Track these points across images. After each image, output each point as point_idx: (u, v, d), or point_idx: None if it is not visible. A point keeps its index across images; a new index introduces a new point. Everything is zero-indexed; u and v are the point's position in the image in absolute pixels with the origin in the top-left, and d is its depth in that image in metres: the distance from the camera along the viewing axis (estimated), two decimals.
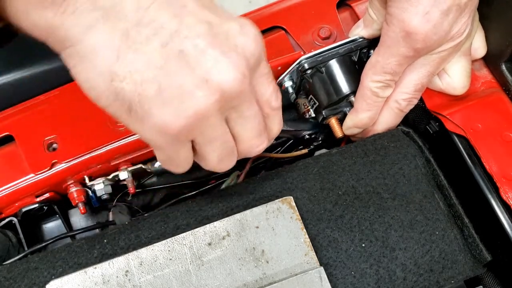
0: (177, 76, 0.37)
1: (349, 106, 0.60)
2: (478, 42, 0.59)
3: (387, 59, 0.53)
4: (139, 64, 0.37)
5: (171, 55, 0.37)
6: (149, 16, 0.37)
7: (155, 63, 0.37)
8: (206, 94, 0.38)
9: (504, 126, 0.56)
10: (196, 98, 0.38)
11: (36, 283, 0.48)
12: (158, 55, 0.37)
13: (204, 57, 0.38)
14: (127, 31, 0.37)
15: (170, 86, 0.37)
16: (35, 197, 0.61)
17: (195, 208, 0.52)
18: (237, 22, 0.40)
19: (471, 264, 0.50)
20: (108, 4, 0.36)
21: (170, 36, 0.37)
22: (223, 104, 0.39)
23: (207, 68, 0.38)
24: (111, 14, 0.36)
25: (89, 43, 0.37)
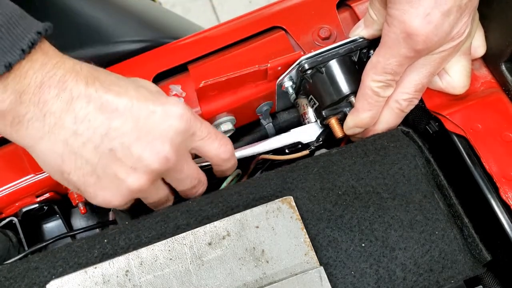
0: (110, 168, 0.48)
1: (349, 106, 0.60)
2: (478, 41, 0.59)
3: (388, 59, 0.53)
4: (79, 162, 0.48)
5: (103, 153, 0.48)
6: (83, 126, 0.47)
7: (91, 161, 0.48)
8: (136, 178, 0.49)
9: (504, 126, 0.56)
10: (128, 182, 0.49)
11: (36, 283, 0.48)
12: (93, 155, 0.48)
13: (130, 151, 0.48)
14: (67, 140, 0.47)
15: (106, 176, 0.49)
16: (35, 197, 0.61)
17: (195, 208, 0.52)
18: (161, 108, 0.49)
19: (471, 264, 0.50)
20: (52, 122, 0.46)
21: (101, 139, 0.47)
22: (154, 178, 0.50)
23: (134, 159, 0.48)
24: (55, 129, 0.47)
25: (39, 149, 0.48)
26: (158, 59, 0.64)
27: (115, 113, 0.47)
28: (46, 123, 0.46)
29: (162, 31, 0.77)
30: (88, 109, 0.47)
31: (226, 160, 0.55)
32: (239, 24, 0.66)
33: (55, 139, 0.47)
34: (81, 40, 0.69)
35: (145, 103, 0.49)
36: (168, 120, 0.49)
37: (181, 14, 1.07)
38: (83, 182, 0.49)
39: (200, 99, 0.62)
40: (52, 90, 0.46)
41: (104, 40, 0.69)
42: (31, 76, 0.45)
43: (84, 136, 0.47)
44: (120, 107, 0.48)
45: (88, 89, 0.47)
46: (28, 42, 0.44)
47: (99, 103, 0.47)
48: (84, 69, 0.48)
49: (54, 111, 0.46)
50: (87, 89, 0.47)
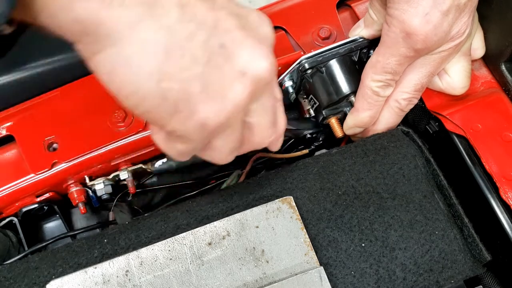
0: (219, 71, 0.38)
1: (349, 106, 0.60)
2: (477, 42, 0.59)
3: (387, 59, 0.53)
4: (186, 61, 0.36)
5: (213, 49, 0.37)
6: (189, 12, 0.36)
7: (200, 59, 0.37)
8: (243, 87, 0.39)
9: (504, 126, 0.56)
10: (235, 92, 0.39)
11: (36, 283, 0.48)
12: (201, 51, 0.37)
13: (241, 50, 0.38)
14: (171, 28, 0.36)
15: (214, 81, 0.38)
16: (35, 197, 0.61)
17: (195, 208, 0.52)
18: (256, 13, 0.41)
19: (471, 264, 0.50)
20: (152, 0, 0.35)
21: (210, 31, 0.37)
22: (254, 95, 0.40)
23: (244, 61, 0.38)
24: (156, 10, 0.35)
25: (137, 39, 0.35)
26: None
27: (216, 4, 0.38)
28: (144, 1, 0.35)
29: None
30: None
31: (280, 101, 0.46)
32: None
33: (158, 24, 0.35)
34: None
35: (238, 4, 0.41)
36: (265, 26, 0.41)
37: None
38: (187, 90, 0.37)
39: None
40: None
41: None
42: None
43: (191, 25, 0.36)
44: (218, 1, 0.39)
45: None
46: None
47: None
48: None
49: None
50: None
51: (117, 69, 0.36)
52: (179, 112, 0.38)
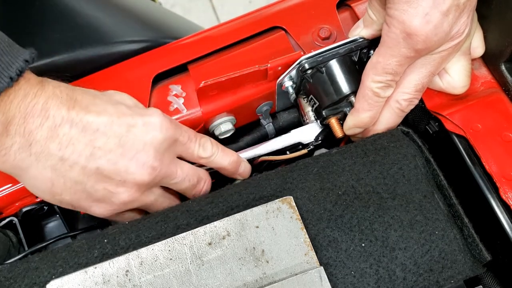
0: (99, 185, 0.51)
1: (349, 106, 0.60)
2: (477, 41, 0.59)
3: (388, 59, 0.53)
4: (69, 184, 0.50)
5: (90, 173, 0.50)
6: (68, 150, 0.49)
7: (81, 181, 0.50)
8: (126, 190, 0.51)
9: (504, 126, 0.56)
10: (119, 194, 0.51)
11: (36, 283, 0.48)
12: (81, 175, 0.50)
13: (116, 166, 0.50)
14: (54, 166, 0.49)
15: (97, 191, 0.51)
16: (35, 197, 0.61)
17: (195, 208, 0.52)
18: (141, 121, 0.51)
19: (471, 264, 0.50)
20: (39, 150, 0.48)
21: (87, 160, 0.49)
22: (145, 188, 0.53)
23: (121, 174, 0.50)
24: (41, 157, 0.48)
25: (28, 177, 0.50)
26: (158, 59, 0.64)
27: (97, 133, 0.49)
28: (33, 152, 0.48)
29: (162, 31, 0.77)
30: (71, 134, 0.48)
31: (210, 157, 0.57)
32: (239, 24, 0.66)
33: (42, 166, 0.49)
34: (81, 40, 0.69)
35: (124, 118, 0.51)
36: (149, 132, 0.51)
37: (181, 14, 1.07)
38: (76, 199, 0.52)
39: (200, 99, 0.62)
40: (36, 119, 0.47)
41: (104, 40, 0.69)
42: (15, 107, 0.46)
43: (70, 160, 0.49)
44: (101, 127, 0.49)
45: (69, 113, 0.49)
46: (16, 70, 0.45)
47: (81, 126, 0.49)
48: (63, 93, 0.49)
49: (39, 140, 0.48)
50: (68, 114, 0.49)
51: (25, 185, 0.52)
52: (79, 208, 0.53)
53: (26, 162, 0.48)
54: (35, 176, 0.50)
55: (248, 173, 0.61)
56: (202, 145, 0.56)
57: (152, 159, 0.51)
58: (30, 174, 0.50)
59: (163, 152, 0.52)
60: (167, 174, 0.53)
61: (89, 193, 0.51)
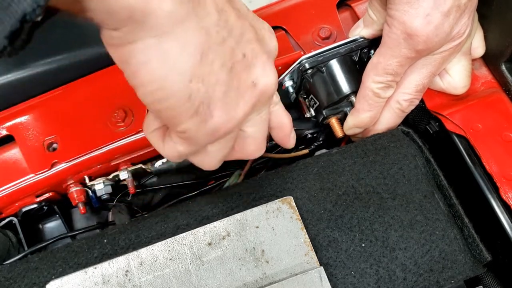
0: (238, 79, 0.39)
1: (350, 106, 0.60)
2: (477, 41, 0.59)
3: (388, 60, 0.53)
4: (216, 65, 0.37)
5: (237, 58, 0.39)
6: (223, 17, 0.38)
7: (227, 65, 0.38)
8: (251, 97, 0.41)
9: (504, 126, 0.56)
10: (245, 101, 0.41)
11: (36, 283, 0.48)
12: (229, 57, 0.38)
13: (257, 62, 0.40)
14: (209, 30, 0.36)
15: (233, 88, 0.39)
16: (35, 197, 0.61)
17: (195, 208, 0.52)
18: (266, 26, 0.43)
19: (471, 264, 0.50)
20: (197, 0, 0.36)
21: (238, 39, 0.39)
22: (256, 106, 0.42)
23: (257, 73, 0.41)
24: (200, 10, 0.36)
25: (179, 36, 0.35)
26: None
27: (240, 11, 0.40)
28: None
29: None
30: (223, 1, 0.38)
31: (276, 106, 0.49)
32: None
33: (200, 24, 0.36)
34: (81, 40, 0.69)
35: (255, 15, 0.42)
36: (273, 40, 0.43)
37: None
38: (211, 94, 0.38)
39: None
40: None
41: None
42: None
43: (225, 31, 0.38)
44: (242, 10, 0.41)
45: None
46: None
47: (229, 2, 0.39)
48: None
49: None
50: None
51: (152, 61, 0.35)
52: (198, 114, 0.38)
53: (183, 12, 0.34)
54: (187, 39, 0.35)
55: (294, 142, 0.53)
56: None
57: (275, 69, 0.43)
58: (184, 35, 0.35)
59: None
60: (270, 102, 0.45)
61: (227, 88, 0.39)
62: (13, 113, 0.61)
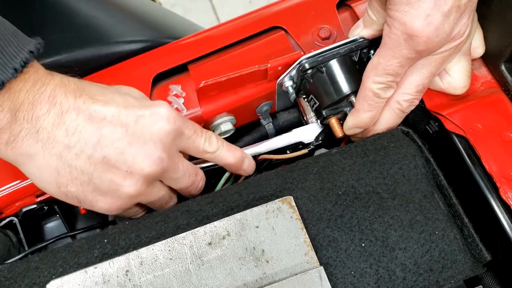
0: (106, 175, 0.50)
1: (350, 106, 0.60)
2: (477, 41, 0.59)
3: (389, 60, 0.53)
4: (75, 173, 0.49)
5: (97, 162, 0.49)
6: (75, 138, 0.48)
7: (87, 170, 0.49)
8: (133, 182, 0.50)
9: (504, 126, 0.56)
10: (125, 187, 0.50)
11: (36, 283, 0.48)
12: (87, 164, 0.49)
13: (124, 156, 0.49)
14: (60, 153, 0.48)
15: (103, 182, 0.50)
16: (35, 197, 0.61)
17: (195, 208, 0.52)
18: (149, 112, 0.51)
19: (471, 264, 0.50)
20: (45, 137, 0.48)
21: (93, 148, 0.49)
22: (150, 180, 0.52)
23: (128, 164, 0.49)
24: (48, 144, 0.48)
25: (34, 165, 0.49)
26: (158, 59, 0.64)
27: (103, 121, 0.49)
28: (39, 139, 0.48)
29: (162, 31, 0.77)
30: (78, 121, 0.48)
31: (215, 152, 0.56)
32: (239, 24, 0.66)
33: (49, 153, 0.48)
34: (81, 40, 0.69)
35: (132, 109, 0.50)
36: (157, 122, 0.51)
37: (181, 14, 1.07)
38: (82, 191, 0.50)
39: (200, 99, 0.62)
40: (44, 106, 0.47)
41: (104, 40, 0.69)
42: (24, 95, 0.46)
43: (76, 148, 0.48)
44: (108, 116, 0.49)
45: (76, 101, 0.49)
46: (20, 61, 0.45)
47: (88, 114, 0.49)
48: (71, 82, 0.50)
49: (46, 126, 0.48)
50: (75, 102, 0.48)
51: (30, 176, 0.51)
52: (83, 203, 0.52)
53: (33, 149, 0.48)
54: (41, 165, 0.49)
55: (253, 169, 0.60)
56: (207, 139, 0.56)
57: (159, 150, 0.50)
58: (36, 163, 0.49)
59: (170, 144, 0.52)
60: (171, 167, 0.53)
61: (95, 184, 0.50)
62: None
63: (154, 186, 0.53)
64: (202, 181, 0.58)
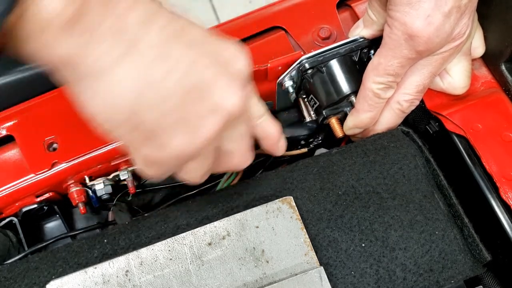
0: (192, 106, 0.40)
1: (350, 106, 0.60)
2: (477, 41, 0.59)
3: (389, 61, 0.53)
4: (158, 98, 0.39)
5: (186, 88, 0.40)
6: (164, 52, 0.39)
7: (173, 96, 0.40)
8: (214, 122, 0.41)
9: (504, 126, 0.56)
10: (207, 125, 0.41)
11: (36, 283, 0.48)
12: (175, 88, 0.39)
13: (214, 87, 0.41)
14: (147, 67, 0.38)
15: (186, 116, 0.40)
16: (35, 197, 0.61)
17: (195, 208, 0.52)
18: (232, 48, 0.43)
19: (471, 264, 0.50)
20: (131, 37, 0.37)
21: (185, 70, 0.39)
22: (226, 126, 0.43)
23: (216, 97, 0.41)
24: (134, 49, 0.37)
25: (114, 77, 0.38)
26: None
27: (194, 41, 0.41)
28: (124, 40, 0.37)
29: None
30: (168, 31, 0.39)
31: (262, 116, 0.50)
32: (239, 24, 0.66)
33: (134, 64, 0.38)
34: None
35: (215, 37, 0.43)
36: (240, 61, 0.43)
37: None
38: (160, 123, 0.40)
39: None
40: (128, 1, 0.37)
41: None
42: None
43: (166, 65, 0.39)
44: (197, 36, 0.41)
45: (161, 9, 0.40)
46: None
47: (178, 26, 0.40)
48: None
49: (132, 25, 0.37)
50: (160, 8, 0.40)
51: (95, 97, 0.39)
52: (152, 142, 0.41)
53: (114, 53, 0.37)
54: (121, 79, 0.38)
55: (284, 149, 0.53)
56: (258, 101, 0.49)
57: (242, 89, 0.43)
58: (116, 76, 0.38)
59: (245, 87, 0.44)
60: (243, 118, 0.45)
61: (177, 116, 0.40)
62: (13, 113, 0.61)
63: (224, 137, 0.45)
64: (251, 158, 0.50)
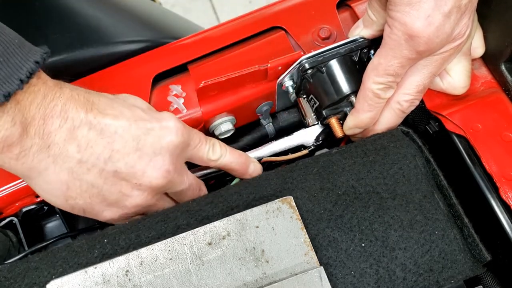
0: (115, 188, 0.51)
1: (350, 106, 0.60)
2: (477, 42, 0.59)
3: (389, 61, 0.53)
4: (85, 186, 0.50)
5: (108, 176, 0.50)
6: (87, 153, 0.49)
7: (97, 184, 0.50)
8: (140, 193, 0.52)
9: (504, 126, 0.56)
10: (134, 198, 0.52)
11: (36, 283, 0.48)
12: (98, 178, 0.50)
13: (134, 169, 0.50)
14: (72, 168, 0.49)
15: (112, 194, 0.51)
16: (35, 197, 0.61)
17: (195, 208, 0.52)
18: (158, 125, 0.52)
19: (471, 264, 0.50)
20: (57, 152, 0.48)
21: (105, 163, 0.49)
22: (157, 192, 0.53)
23: (138, 177, 0.51)
24: (59, 159, 0.48)
25: (44, 180, 0.49)
26: (158, 59, 0.64)
27: (115, 135, 0.49)
28: (51, 154, 0.48)
29: (162, 31, 0.77)
30: (90, 136, 0.48)
31: (219, 159, 0.57)
32: (239, 24, 0.66)
33: (60, 168, 0.48)
34: (81, 40, 0.69)
35: (141, 122, 0.51)
36: (166, 136, 0.51)
37: (181, 14, 1.07)
38: (89, 203, 0.51)
39: (200, 99, 0.62)
40: (55, 121, 0.47)
41: (104, 40, 0.69)
42: (35, 109, 0.46)
43: (88, 163, 0.49)
44: (119, 130, 0.50)
45: (87, 116, 0.49)
46: (26, 72, 0.44)
47: (99, 128, 0.49)
48: (81, 95, 0.50)
49: (58, 142, 0.47)
50: (86, 116, 0.49)
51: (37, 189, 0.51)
52: (91, 212, 0.53)
53: (43, 164, 0.48)
54: (50, 180, 0.49)
55: (259, 173, 0.61)
56: (211, 147, 0.57)
57: (168, 163, 0.51)
58: (46, 178, 0.49)
59: (177, 156, 0.53)
60: (178, 180, 0.54)
61: (103, 196, 0.51)
62: None
63: (159, 198, 0.54)
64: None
